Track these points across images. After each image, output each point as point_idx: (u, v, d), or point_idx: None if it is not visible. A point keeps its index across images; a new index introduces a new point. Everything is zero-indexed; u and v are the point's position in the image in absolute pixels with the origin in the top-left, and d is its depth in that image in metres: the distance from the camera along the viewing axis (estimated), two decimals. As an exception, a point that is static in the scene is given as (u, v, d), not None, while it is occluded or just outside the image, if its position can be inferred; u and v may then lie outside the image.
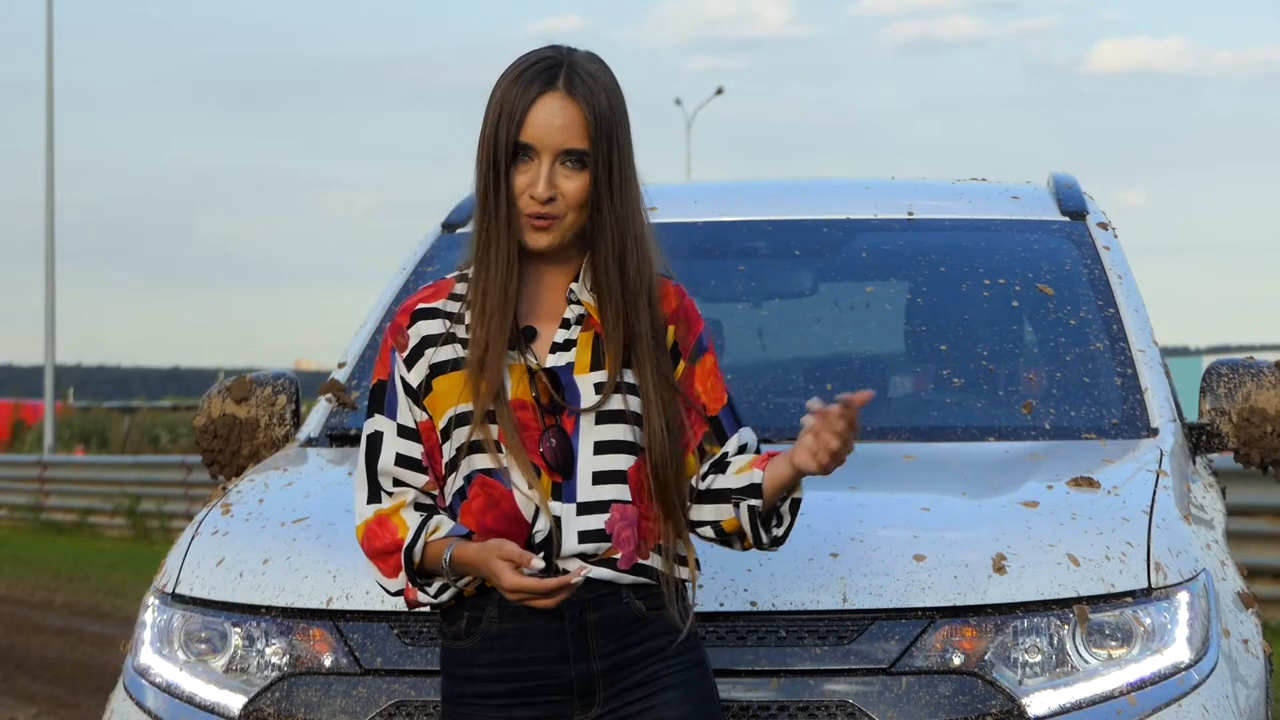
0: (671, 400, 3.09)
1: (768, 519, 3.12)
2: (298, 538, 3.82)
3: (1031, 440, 4.40)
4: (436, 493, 3.13)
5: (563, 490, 3.05)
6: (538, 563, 2.95)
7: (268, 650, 3.69)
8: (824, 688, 3.45)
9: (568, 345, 3.10)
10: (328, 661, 3.63)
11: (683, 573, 3.14)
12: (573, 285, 3.12)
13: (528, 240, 3.08)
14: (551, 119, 3.05)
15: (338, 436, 4.60)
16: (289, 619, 3.68)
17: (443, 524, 3.07)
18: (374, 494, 3.13)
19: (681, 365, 3.14)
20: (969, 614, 3.53)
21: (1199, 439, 4.57)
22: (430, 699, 3.53)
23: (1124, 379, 4.55)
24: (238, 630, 3.72)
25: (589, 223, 3.08)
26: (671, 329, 3.13)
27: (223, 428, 4.75)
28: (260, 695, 3.65)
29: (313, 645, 3.65)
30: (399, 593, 3.12)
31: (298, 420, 4.78)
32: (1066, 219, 5.08)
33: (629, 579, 3.06)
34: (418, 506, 3.11)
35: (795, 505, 3.13)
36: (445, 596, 3.07)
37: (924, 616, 3.52)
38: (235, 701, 3.67)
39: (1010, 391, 4.65)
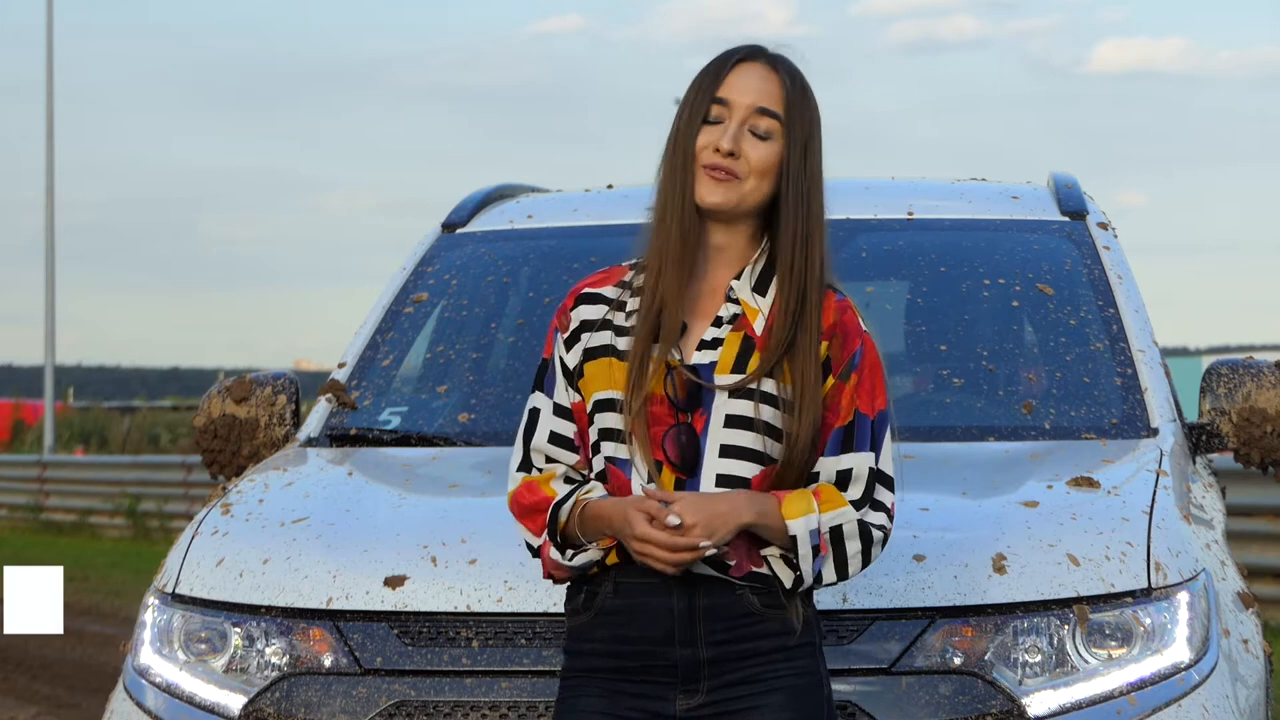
0: (814, 424, 3.07)
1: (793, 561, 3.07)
2: (298, 538, 3.82)
3: (1031, 440, 4.40)
4: (586, 472, 3.14)
5: (685, 488, 3.04)
6: (673, 519, 2.95)
7: (268, 650, 3.69)
8: (824, 688, 3.44)
9: (715, 344, 3.09)
10: (328, 661, 3.63)
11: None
12: (733, 283, 3.12)
13: (702, 193, 3.09)
14: (749, 80, 3.12)
15: (338, 436, 4.60)
16: (289, 619, 3.68)
17: (596, 489, 3.08)
18: (525, 464, 3.17)
19: (830, 381, 3.10)
20: (969, 614, 3.53)
21: (1199, 439, 4.57)
22: (430, 699, 3.53)
23: (1124, 379, 4.55)
24: (238, 630, 3.72)
25: (778, 202, 3.09)
26: (825, 344, 3.10)
27: (223, 428, 4.75)
28: (260, 695, 3.65)
29: (313, 645, 3.65)
30: (538, 551, 3.13)
31: (298, 420, 4.78)
32: (1066, 219, 5.08)
33: (741, 583, 3.04)
34: (568, 480, 3.13)
35: (796, 550, 3.02)
36: (578, 561, 3.07)
37: (924, 616, 3.52)
38: (235, 701, 3.67)
39: (1010, 391, 4.65)
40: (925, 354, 4.88)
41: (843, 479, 3.08)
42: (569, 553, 3.07)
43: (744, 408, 3.05)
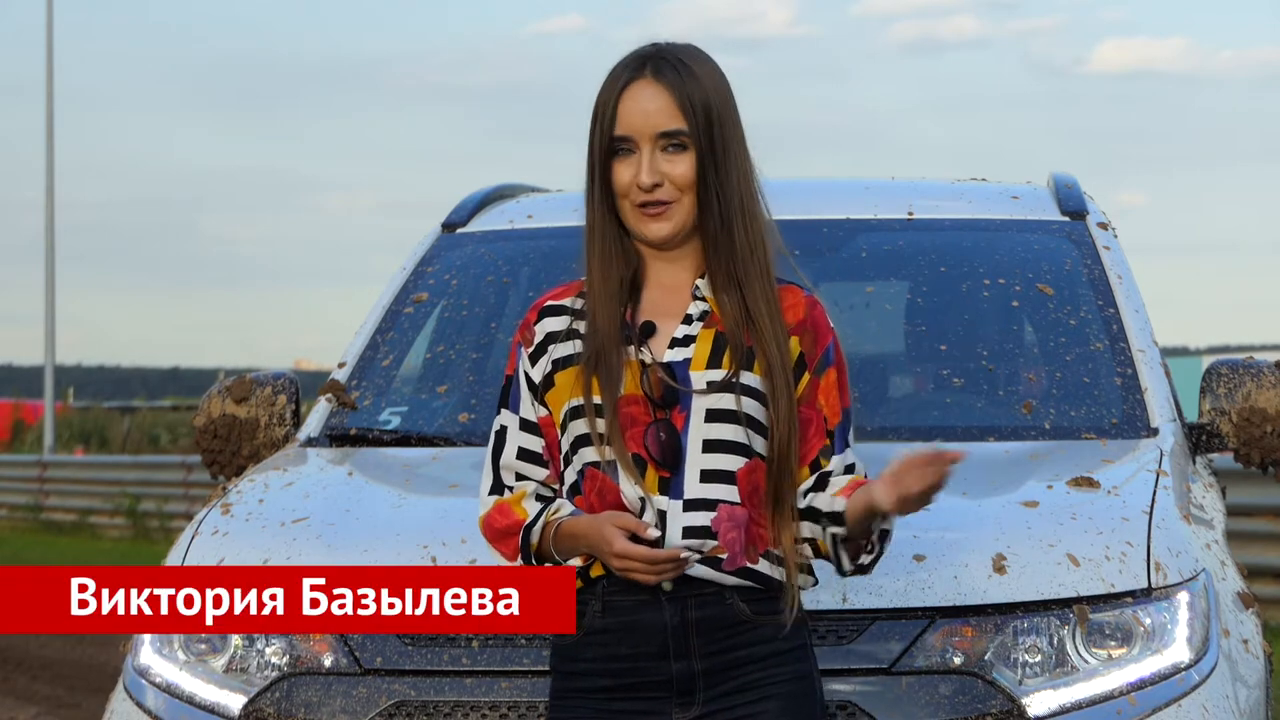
0: (792, 408, 3.07)
1: (857, 547, 3.08)
2: (298, 538, 3.82)
3: (1031, 440, 4.39)
4: (557, 486, 3.13)
5: (670, 485, 3.03)
6: (653, 531, 2.96)
7: (268, 650, 3.69)
8: (825, 687, 3.44)
9: (687, 341, 3.09)
10: (328, 661, 3.63)
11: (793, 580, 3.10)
12: (699, 282, 3.12)
13: (646, 233, 3.09)
14: (642, 106, 3.08)
15: (338, 436, 4.60)
16: (289, 619, 3.67)
17: (563, 507, 3.06)
18: (496, 486, 3.15)
19: (806, 377, 3.10)
20: (969, 614, 3.53)
21: (1199, 439, 4.56)
22: (430, 699, 3.53)
23: (1124, 379, 4.54)
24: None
25: (697, 202, 3.08)
26: (796, 339, 3.11)
27: (223, 428, 4.75)
28: (260, 695, 3.65)
29: (313, 645, 3.65)
30: None
31: (298, 420, 4.78)
32: (1066, 219, 5.07)
33: (732, 580, 3.04)
34: (539, 497, 3.11)
35: (884, 536, 3.07)
36: None
37: (924, 616, 3.52)
38: (235, 701, 3.67)
39: (1010, 391, 4.65)
40: (925, 354, 4.88)
41: (849, 474, 3.11)
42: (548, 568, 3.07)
43: (725, 401, 3.05)
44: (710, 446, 3.04)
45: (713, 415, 3.05)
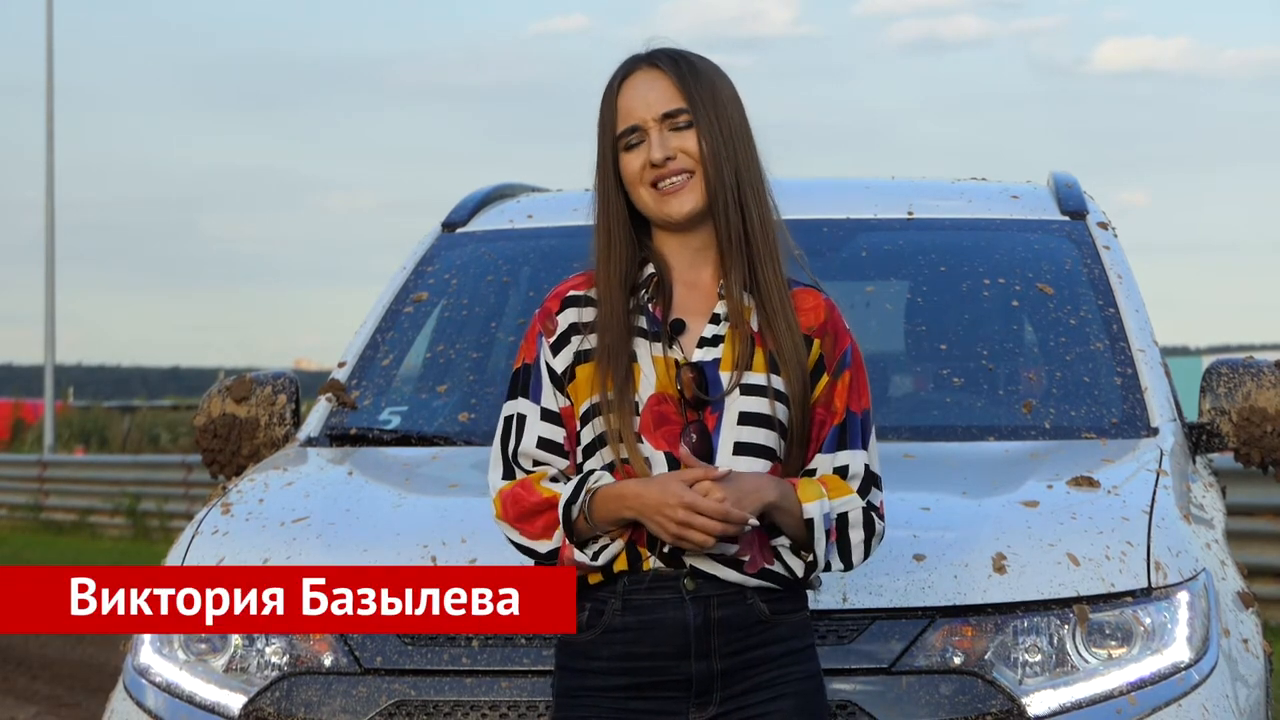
0: (805, 411, 3.07)
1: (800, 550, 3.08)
2: (298, 537, 3.82)
3: (1031, 440, 4.40)
4: (573, 477, 3.08)
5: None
6: (718, 494, 2.92)
7: (268, 650, 3.69)
8: (825, 687, 3.44)
9: (715, 341, 3.08)
10: (328, 661, 3.63)
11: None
12: (724, 281, 3.10)
13: (669, 212, 3.08)
14: (642, 94, 3.10)
15: (338, 436, 4.60)
16: (289, 619, 3.67)
17: (603, 478, 3.02)
18: (509, 473, 3.11)
19: (824, 380, 3.10)
20: (969, 613, 3.53)
21: (1199, 439, 4.56)
22: (430, 698, 3.53)
23: (1124, 379, 4.55)
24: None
25: (709, 185, 3.07)
26: (817, 342, 3.11)
27: (223, 427, 4.75)
28: (260, 695, 3.65)
29: (313, 645, 3.65)
30: (551, 554, 3.06)
31: (298, 420, 4.78)
32: (1066, 218, 5.08)
33: (754, 582, 3.03)
34: (555, 480, 3.07)
35: (810, 524, 3.02)
36: (602, 560, 3.02)
37: (924, 616, 3.52)
38: (235, 701, 3.67)
39: (1010, 391, 4.65)
40: (925, 354, 4.88)
41: (839, 475, 3.09)
42: (590, 551, 3.02)
43: (757, 404, 3.05)
44: (740, 449, 3.03)
45: (745, 418, 3.04)
